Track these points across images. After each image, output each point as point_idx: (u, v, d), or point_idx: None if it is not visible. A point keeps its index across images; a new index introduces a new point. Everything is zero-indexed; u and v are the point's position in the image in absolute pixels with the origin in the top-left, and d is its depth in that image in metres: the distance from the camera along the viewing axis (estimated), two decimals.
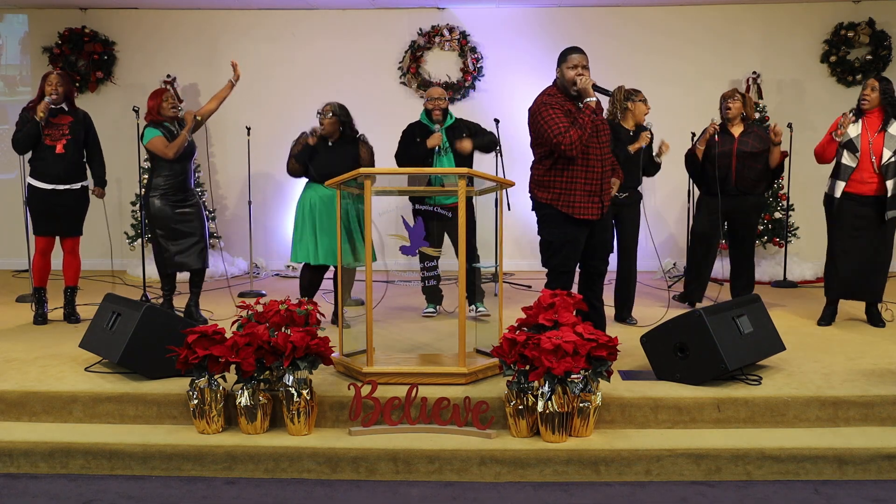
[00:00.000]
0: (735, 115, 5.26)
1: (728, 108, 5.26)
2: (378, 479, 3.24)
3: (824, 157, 4.91)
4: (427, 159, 5.09)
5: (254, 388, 3.41)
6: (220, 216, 7.79)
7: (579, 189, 4.02)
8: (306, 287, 5.02)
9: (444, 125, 5.18)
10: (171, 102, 4.97)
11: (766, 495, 3.10)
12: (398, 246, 3.97)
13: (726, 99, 5.29)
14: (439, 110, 5.16)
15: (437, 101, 5.18)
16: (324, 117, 4.92)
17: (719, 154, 5.20)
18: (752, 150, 5.17)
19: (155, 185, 4.93)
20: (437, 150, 5.14)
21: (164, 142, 4.87)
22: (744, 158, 5.17)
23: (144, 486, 3.18)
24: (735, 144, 5.20)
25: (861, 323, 5.05)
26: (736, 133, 5.26)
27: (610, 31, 7.57)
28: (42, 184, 4.96)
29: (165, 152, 4.86)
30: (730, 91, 5.36)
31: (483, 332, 4.72)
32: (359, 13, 7.73)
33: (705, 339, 3.62)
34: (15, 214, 7.03)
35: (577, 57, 3.98)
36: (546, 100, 4.02)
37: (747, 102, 5.31)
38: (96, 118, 5.37)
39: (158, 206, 4.89)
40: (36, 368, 3.98)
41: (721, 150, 5.20)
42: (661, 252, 7.74)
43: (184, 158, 4.96)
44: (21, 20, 7.84)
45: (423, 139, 5.12)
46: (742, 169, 5.18)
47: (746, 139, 5.22)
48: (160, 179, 4.91)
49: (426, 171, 4.69)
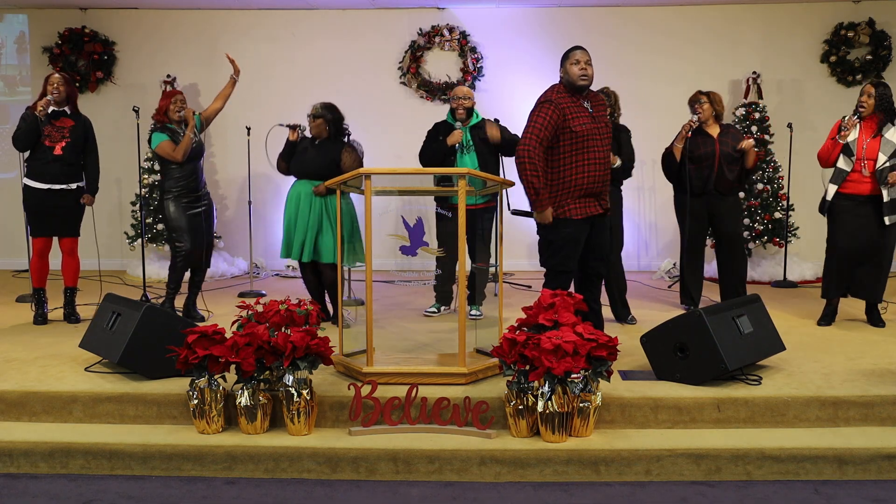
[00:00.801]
0: (708, 117, 5.25)
1: (699, 112, 5.22)
2: (378, 479, 3.24)
3: (830, 161, 4.93)
4: (449, 157, 5.11)
5: (254, 388, 3.41)
6: (220, 216, 7.78)
7: (576, 189, 4.04)
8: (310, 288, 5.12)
9: (468, 124, 5.19)
10: (178, 106, 5.03)
11: (766, 495, 3.10)
12: (398, 246, 3.97)
13: (693, 104, 5.28)
14: (463, 109, 5.17)
15: (462, 100, 5.19)
16: (312, 119, 4.98)
17: (702, 155, 5.17)
18: (732, 152, 5.16)
19: (167, 188, 5.00)
20: (460, 149, 5.13)
21: (172, 145, 4.93)
22: (725, 160, 5.16)
23: (144, 486, 3.18)
24: (717, 146, 5.18)
25: (861, 323, 5.05)
26: (714, 133, 5.24)
27: (610, 31, 7.57)
28: (38, 184, 4.96)
29: (174, 156, 4.92)
30: (693, 96, 5.34)
31: (483, 332, 4.72)
32: (359, 13, 7.73)
33: (705, 339, 3.62)
34: (15, 214, 7.02)
35: (579, 53, 4.05)
36: (549, 96, 4.05)
37: (714, 100, 5.28)
38: (96, 118, 5.37)
39: (173, 210, 4.98)
40: (36, 368, 3.98)
41: (704, 152, 5.17)
42: (660, 253, 7.75)
43: (193, 159, 5.01)
44: (21, 20, 7.84)
45: (446, 137, 5.13)
46: (722, 171, 5.17)
47: (726, 139, 5.20)
48: (171, 182, 4.98)
49: (429, 171, 4.69)
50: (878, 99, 4.75)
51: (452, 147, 5.11)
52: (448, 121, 5.28)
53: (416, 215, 4.43)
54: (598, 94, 4.27)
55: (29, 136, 4.92)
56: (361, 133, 7.05)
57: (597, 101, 4.18)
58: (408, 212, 3.99)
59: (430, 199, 5.16)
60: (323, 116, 4.96)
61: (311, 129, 4.98)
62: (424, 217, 4.07)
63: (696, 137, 5.21)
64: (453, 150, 5.12)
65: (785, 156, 6.94)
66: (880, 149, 4.73)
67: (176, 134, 4.98)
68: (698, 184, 5.21)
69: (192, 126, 4.95)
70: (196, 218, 5.03)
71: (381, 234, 4.04)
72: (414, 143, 5.43)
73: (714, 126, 5.27)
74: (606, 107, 4.36)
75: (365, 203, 3.72)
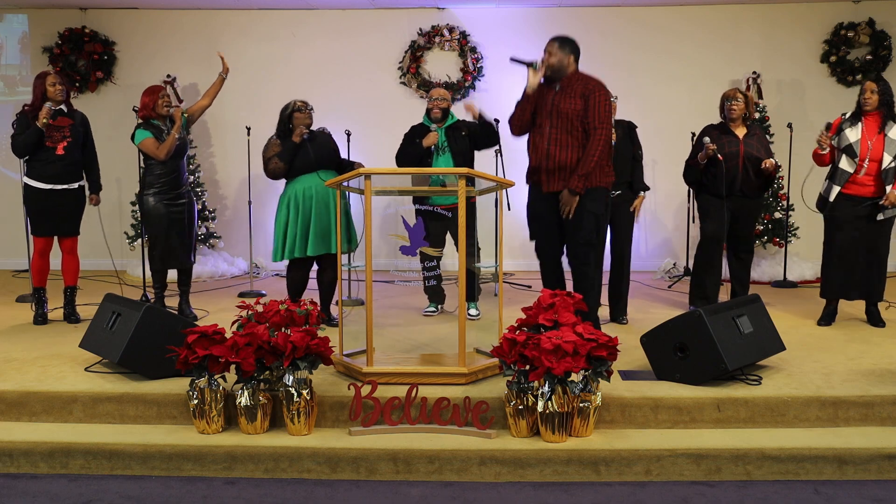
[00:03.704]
0: (738, 116, 5.17)
1: (732, 108, 5.15)
2: (378, 479, 3.24)
3: (822, 162, 4.94)
4: (425, 159, 5.10)
5: (254, 388, 3.41)
6: (220, 216, 7.78)
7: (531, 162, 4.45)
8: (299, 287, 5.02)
9: (443, 125, 5.20)
10: (166, 101, 5.01)
11: (766, 495, 3.10)
12: (398, 246, 3.97)
13: (729, 100, 5.19)
14: (438, 109, 5.18)
15: (437, 101, 5.21)
16: (306, 110, 4.97)
17: (726, 155, 5.08)
18: (758, 154, 5.11)
19: (148, 182, 4.99)
20: (436, 150, 5.14)
21: (155, 143, 4.92)
22: (750, 161, 5.10)
23: (144, 486, 3.18)
24: (741, 146, 5.10)
25: (861, 323, 5.05)
26: (740, 134, 5.17)
27: (610, 31, 7.57)
28: (40, 184, 4.95)
29: (157, 153, 4.91)
30: (731, 91, 5.26)
31: (483, 332, 4.72)
32: (359, 13, 7.73)
33: (705, 339, 3.62)
34: (15, 214, 7.03)
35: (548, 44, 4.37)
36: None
37: (749, 102, 5.24)
38: (96, 118, 5.37)
39: (152, 205, 4.97)
40: (36, 368, 3.98)
41: (728, 152, 5.08)
42: (659, 253, 7.75)
43: (176, 157, 5.00)
44: (21, 20, 7.84)
45: (422, 139, 5.14)
46: (748, 172, 5.10)
47: (751, 141, 5.13)
48: (153, 178, 4.98)
49: (428, 171, 4.69)
50: (881, 95, 4.74)
51: (428, 149, 5.10)
52: (424, 123, 5.28)
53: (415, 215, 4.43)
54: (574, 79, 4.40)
55: (30, 146, 4.89)
56: (361, 133, 7.05)
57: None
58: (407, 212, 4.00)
59: (427, 199, 5.15)
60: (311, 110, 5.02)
61: (306, 120, 4.95)
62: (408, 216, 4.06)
63: (722, 137, 5.14)
64: (429, 152, 5.11)
65: (785, 156, 6.93)
66: (884, 149, 4.72)
67: (160, 131, 4.96)
68: (725, 184, 5.09)
69: (178, 126, 4.93)
70: (176, 215, 5.00)
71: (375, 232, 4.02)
72: None
73: (741, 126, 5.21)
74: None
75: (365, 203, 3.72)
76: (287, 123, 4.94)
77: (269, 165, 4.92)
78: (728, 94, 5.25)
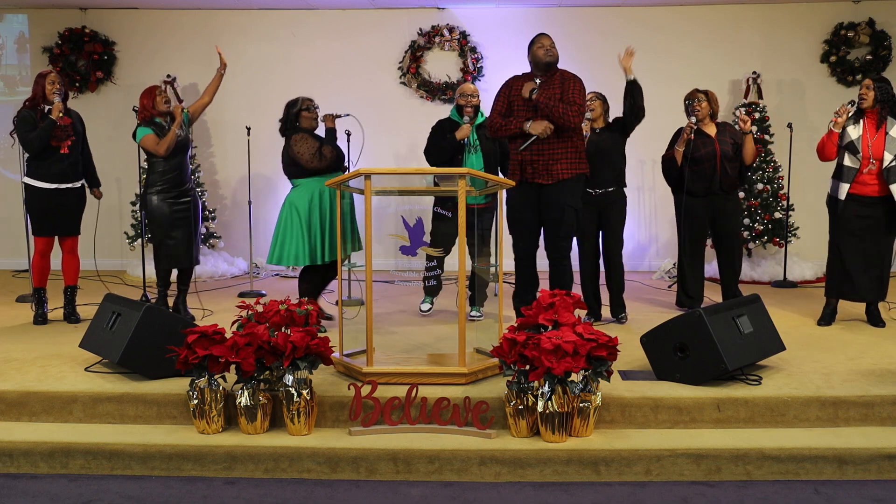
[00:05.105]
0: (705, 115, 5.17)
1: (696, 109, 5.15)
2: (378, 479, 3.24)
3: (825, 152, 4.91)
4: (457, 155, 5.02)
5: (254, 388, 3.41)
6: (220, 216, 7.79)
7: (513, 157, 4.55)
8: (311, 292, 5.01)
9: (475, 123, 5.11)
10: (164, 97, 5.00)
11: (766, 495, 3.10)
12: (398, 246, 3.97)
13: (692, 100, 5.20)
14: (471, 107, 5.10)
15: (470, 97, 5.12)
16: (315, 109, 4.97)
17: (703, 156, 5.10)
18: (732, 150, 5.13)
19: (152, 181, 4.97)
20: (468, 148, 5.05)
21: (156, 139, 4.90)
22: (726, 159, 5.11)
23: (144, 486, 3.18)
24: (717, 145, 5.11)
25: (861, 323, 5.05)
26: (711, 133, 5.18)
27: (610, 31, 7.57)
28: (45, 184, 4.95)
29: (157, 150, 4.90)
30: (691, 92, 5.26)
31: (483, 332, 4.72)
32: (359, 13, 7.73)
33: (705, 339, 3.62)
34: (15, 214, 7.03)
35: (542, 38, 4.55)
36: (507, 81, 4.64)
37: (711, 99, 5.23)
38: (96, 118, 5.38)
39: (156, 204, 4.94)
40: (36, 368, 3.98)
41: (705, 152, 5.10)
42: (659, 252, 7.75)
43: (178, 154, 4.98)
44: (21, 20, 7.84)
45: (453, 133, 5.06)
46: (725, 169, 5.11)
47: (724, 138, 5.15)
48: (156, 176, 4.96)
49: (429, 171, 4.68)
50: (878, 92, 4.74)
51: (461, 144, 5.01)
52: (452, 118, 5.20)
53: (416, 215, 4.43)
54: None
55: (45, 141, 4.86)
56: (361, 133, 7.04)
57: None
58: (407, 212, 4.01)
59: (428, 199, 5.15)
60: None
61: (314, 120, 4.95)
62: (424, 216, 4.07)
63: (696, 139, 5.16)
64: (461, 149, 5.03)
65: (785, 156, 6.94)
66: (885, 147, 4.72)
67: (162, 129, 4.95)
68: (703, 185, 5.14)
69: (178, 122, 4.92)
70: (180, 213, 4.98)
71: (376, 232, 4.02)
72: (413, 142, 5.43)
73: (710, 125, 5.22)
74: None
75: (365, 203, 3.72)
76: (295, 121, 4.94)
77: (326, 155, 4.87)
78: (690, 96, 5.26)
